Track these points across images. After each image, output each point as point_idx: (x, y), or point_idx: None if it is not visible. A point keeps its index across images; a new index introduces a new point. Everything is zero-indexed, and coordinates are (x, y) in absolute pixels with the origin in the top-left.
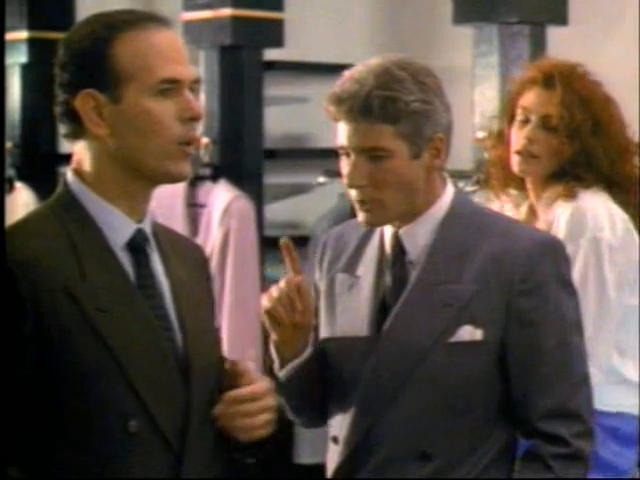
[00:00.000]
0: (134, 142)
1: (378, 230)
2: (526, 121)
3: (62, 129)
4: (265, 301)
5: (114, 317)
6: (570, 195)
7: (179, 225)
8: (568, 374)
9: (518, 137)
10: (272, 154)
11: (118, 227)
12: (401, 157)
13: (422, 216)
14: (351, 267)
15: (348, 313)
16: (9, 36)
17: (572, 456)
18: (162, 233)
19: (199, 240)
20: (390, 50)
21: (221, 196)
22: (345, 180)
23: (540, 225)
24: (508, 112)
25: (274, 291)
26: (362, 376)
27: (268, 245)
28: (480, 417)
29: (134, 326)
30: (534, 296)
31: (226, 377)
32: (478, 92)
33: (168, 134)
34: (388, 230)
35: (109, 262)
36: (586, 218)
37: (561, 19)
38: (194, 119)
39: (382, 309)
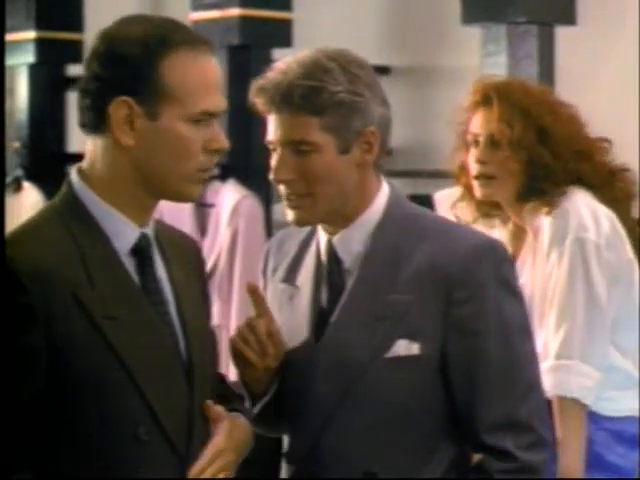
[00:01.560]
0: (160, 161)
1: (315, 236)
2: (477, 144)
3: (81, 117)
4: (235, 344)
5: (122, 324)
6: (551, 204)
7: (187, 225)
8: (514, 383)
9: (471, 162)
10: None
11: (123, 232)
12: (328, 151)
13: (356, 221)
14: (291, 276)
15: (289, 325)
16: (16, 36)
17: (520, 470)
18: (161, 232)
19: (207, 240)
20: (399, 49)
21: (229, 196)
22: (271, 175)
23: (529, 237)
24: (462, 141)
25: (243, 334)
26: (301, 393)
27: None
28: (425, 432)
29: (142, 333)
30: (473, 303)
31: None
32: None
33: (193, 162)
34: (323, 237)
35: (116, 269)
36: (569, 220)
37: (569, 18)
38: (219, 151)
39: (321, 321)
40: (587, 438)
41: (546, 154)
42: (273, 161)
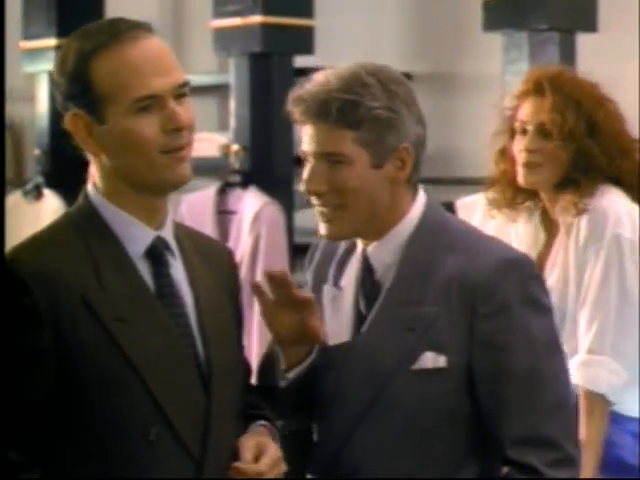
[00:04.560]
0: (122, 160)
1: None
2: (524, 132)
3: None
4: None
5: (132, 326)
6: (586, 201)
7: (209, 232)
8: (539, 399)
9: (519, 150)
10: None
11: (136, 236)
12: (361, 165)
13: (388, 234)
14: (336, 278)
15: (332, 326)
16: (37, 44)
17: None
18: (187, 238)
19: (229, 247)
20: (420, 56)
21: (251, 203)
22: (302, 186)
23: (561, 233)
24: (508, 127)
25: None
26: (330, 399)
27: (298, 252)
28: (452, 445)
29: (152, 334)
30: (497, 318)
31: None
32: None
33: (152, 147)
34: (359, 245)
35: (127, 271)
36: (607, 217)
37: (591, 26)
38: (177, 129)
39: (358, 327)
40: (610, 440)
41: (594, 147)
42: (306, 172)
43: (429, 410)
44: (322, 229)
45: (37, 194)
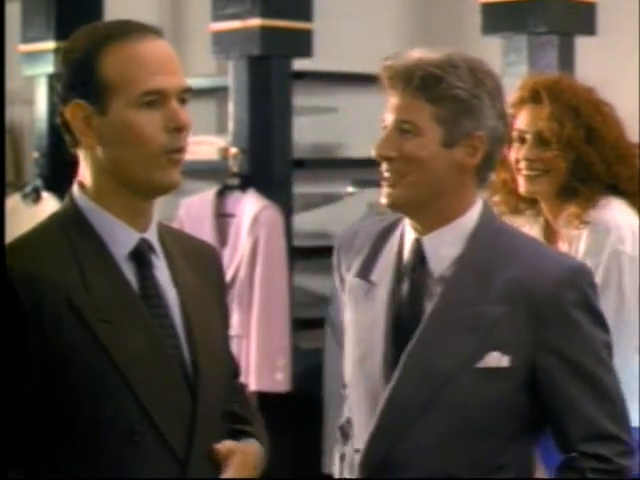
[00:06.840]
0: (119, 153)
1: (397, 234)
2: (522, 141)
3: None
4: None
5: (116, 328)
6: (588, 213)
7: (208, 235)
8: (604, 399)
9: (518, 159)
10: (301, 164)
11: (121, 238)
12: (433, 140)
13: (449, 224)
14: (365, 272)
15: (365, 320)
16: (36, 47)
17: (613, 472)
18: (172, 239)
19: (228, 250)
20: None
21: (250, 206)
22: (373, 151)
23: (561, 243)
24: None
25: None
26: (383, 395)
27: (297, 255)
28: (503, 439)
29: (137, 336)
30: (562, 324)
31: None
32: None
33: (152, 144)
34: (410, 235)
35: (111, 273)
36: (609, 232)
37: (589, 29)
38: (179, 129)
39: (400, 320)
40: None
41: (593, 154)
42: (379, 138)
43: (489, 408)
44: (383, 196)
45: (36, 197)
